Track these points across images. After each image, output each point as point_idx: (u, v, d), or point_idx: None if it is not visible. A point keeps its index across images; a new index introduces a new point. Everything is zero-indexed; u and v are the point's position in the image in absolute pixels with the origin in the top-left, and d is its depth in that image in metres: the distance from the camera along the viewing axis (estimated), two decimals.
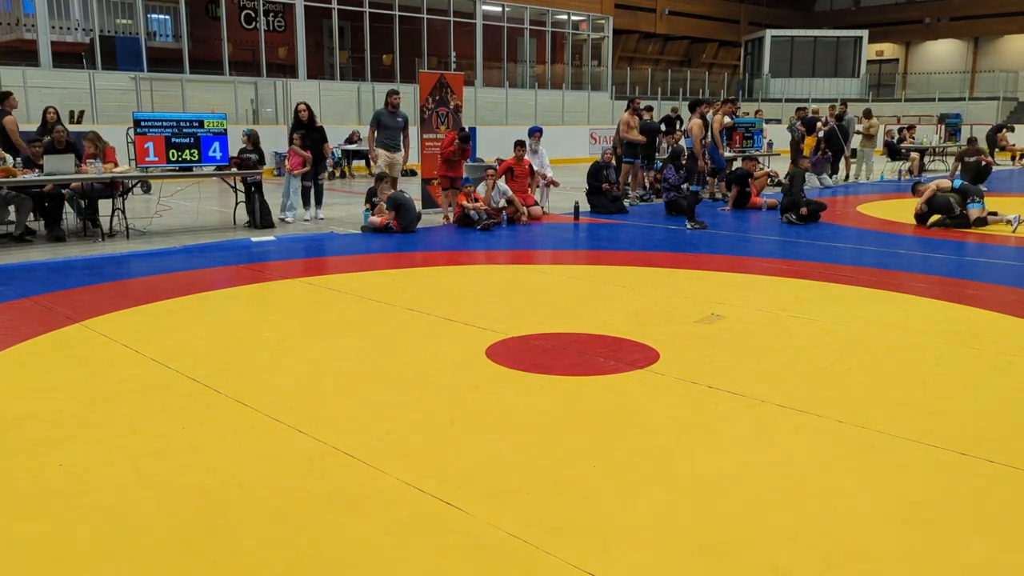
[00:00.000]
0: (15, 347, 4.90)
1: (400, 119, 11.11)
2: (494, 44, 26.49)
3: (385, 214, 9.75)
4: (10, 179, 8.49)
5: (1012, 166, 22.72)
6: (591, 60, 30.50)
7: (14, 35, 20.31)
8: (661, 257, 8.38)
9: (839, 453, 3.40)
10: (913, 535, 2.73)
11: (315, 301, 6.33)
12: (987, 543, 2.69)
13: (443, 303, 6.20)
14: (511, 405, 4.03)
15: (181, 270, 7.47)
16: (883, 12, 38.52)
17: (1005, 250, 8.92)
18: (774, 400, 4.01)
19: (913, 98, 33.83)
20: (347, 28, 24.83)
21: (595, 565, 2.53)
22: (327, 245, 9.15)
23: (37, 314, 5.73)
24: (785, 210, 11.08)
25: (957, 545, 2.67)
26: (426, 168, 11.86)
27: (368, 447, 3.44)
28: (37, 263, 7.70)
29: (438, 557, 2.61)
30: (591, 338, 5.20)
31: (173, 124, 9.68)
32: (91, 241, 9.03)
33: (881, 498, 2.99)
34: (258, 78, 21.06)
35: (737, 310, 5.95)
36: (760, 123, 16.31)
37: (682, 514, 2.88)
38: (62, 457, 3.35)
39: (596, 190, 12.14)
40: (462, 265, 7.94)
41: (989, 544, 2.69)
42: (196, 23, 22.41)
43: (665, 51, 36.58)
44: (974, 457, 3.36)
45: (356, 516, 2.87)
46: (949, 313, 5.94)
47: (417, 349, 4.99)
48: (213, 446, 3.45)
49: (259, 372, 4.52)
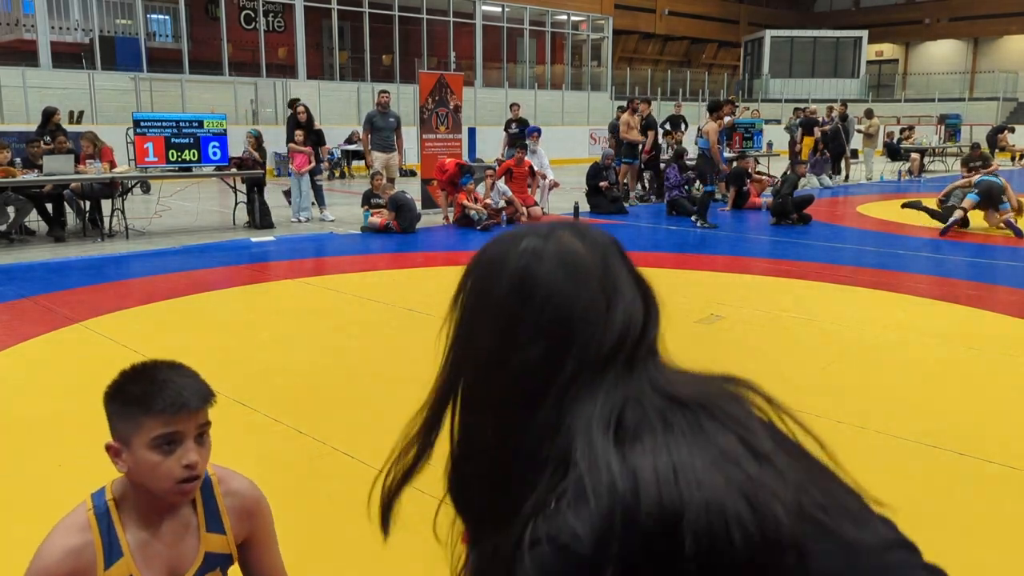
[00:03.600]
0: (15, 347, 4.90)
1: (392, 119, 11.12)
2: (494, 44, 26.49)
3: (385, 214, 9.75)
4: (10, 179, 8.49)
5: (1012, 166, 22.74)
6: (591, 60, 30.50)
7: (14, 35, 20.30)
8: (661, 257, 8.38)
9: (839, 453, 3.40)
10: (912, 535, 2.73)
11: (315, 301, 6.33)
12: (986, 543, 2.69)
13: (443, 303, 6.18)
14: None
15: (181, 270, 7.47)
16: (883, 12, 38.53)
17: (1004, 251, 8.92)
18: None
19: (913, 99, 33.82)
20: (347, 28, 24.82)
21: None
22: (327, 245, 9.15)
23: (37, 314, 5.73)
24: (775, 214, 11.01)
25: (957, 545, 2.66)
26: (426, 168, 11.86)
27: (368, 447, 3.44)
28: (37, 263, 7.69)
29: (438, 557, 2.61)
30: None
31: (173, 124, 9.68)
32: (91, 241, 9.03)
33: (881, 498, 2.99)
34: (258, 78, 21.05)
35: (737, 310, 5.95)
36: (760, 123, 16.31)
37: None
38: (62, 457, 3.35)
39: (596, 190, 12.14)
40: (462, 265, 7.90)
41: (988, 544, 2.69)
42: (196, 23, 22.40)
43: (665, 51, 36.58)
44: (974, 457, 3.36)
45: (356, 516, 2.86)
46: (949, 313, 5.94)
47: (417, 349, 4.99)
48: (213, 446, 3.44)
49: (259, 372, 4.51)
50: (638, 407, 0.80)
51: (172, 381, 1.41)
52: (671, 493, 0.74)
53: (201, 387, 1.44)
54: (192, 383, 1.43)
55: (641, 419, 0.79)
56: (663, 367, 0.86)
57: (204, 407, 1.45)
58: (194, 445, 1.43)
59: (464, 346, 0.87)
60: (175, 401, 1.39)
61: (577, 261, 0.83)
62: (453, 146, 11.96)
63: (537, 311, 0.81)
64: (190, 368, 1.49)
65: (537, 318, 0.81)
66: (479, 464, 0.85)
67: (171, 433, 1.40)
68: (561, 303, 0.81)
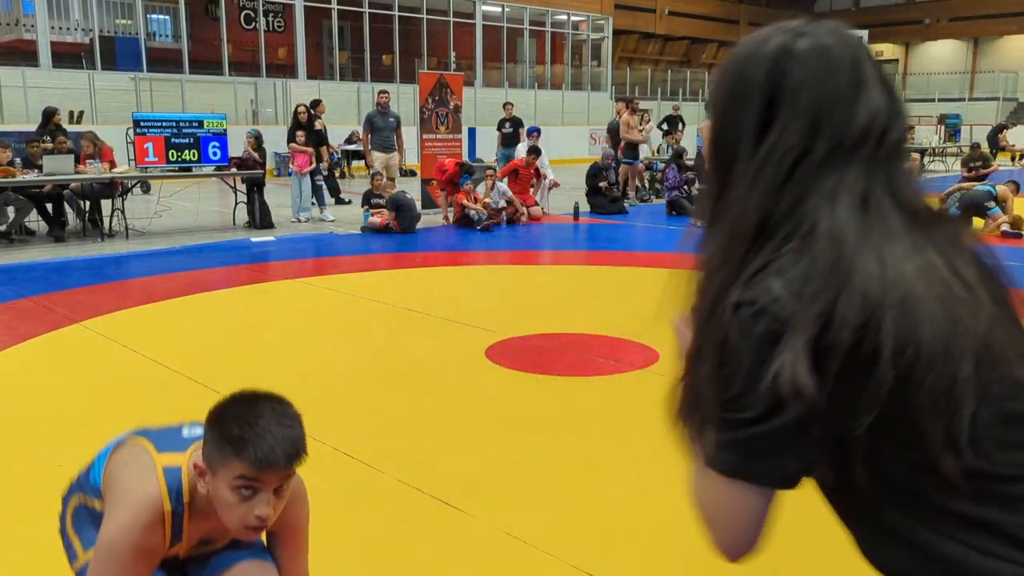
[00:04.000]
0: (15, 347, 4.90)
1: (392, 119, 11.12)
2: (494, 44, 26.48)
3: (385, 214, 9.75)
4: (10, 179, 8.49)
5: (1012, 166, 22.73)
6: (591, 60, 30.50)
7: (14, 35, 20.29)
8: (661, 257, 8.38)
9: None
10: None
11: (315, 301, 6.33)
12: None
13: (443, 303, 6.20)
14: (511, 405, 4.03)
15: (181, 270, 7.47)
16: (883, 12, 38.52)
17: (1004, 251, 8.90)
18: None
19: (913, 98, 33.80)
20: (347, 28, 24.81)
21: (595, 565, 2.53)
22: (327, 245, 9.15)
23: (37, 314, 5.73)
24: None
25: None
26: (426, 168, 11.86)
27: (368, 447, 3.44)
28: (37, 263, 7.69)
29: (438, 557, 2.61)
30: (591, 338, 5.20)
31: (173, 124, 9.68)
32: (91, 241, 9.02)
33: None
34: (258, 78, 21.04)
35: None
36: None
37: (682, 514, 2.87)
38: (62, 457, 3.34)
39: (596, 190, 12.14)
40: (462, 265, 7.93)
41: None
42: (196, 23, 22.39)
43: (665, 51, 36.57)
44: None
45: (356, 516, 2.86)
46: None
47: (417, 349, 4.99)
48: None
49: (259, 372, 4.51)
50: (872, 198, 0.89)
51: (270, 432, 1.44)
52: (879, 282, 0.83)
53: (296, 443, 1.48)
54: (290, 436, 1.47)
55: (871, 210, 0.88)
56: (902, 172, 0.93)
57: (292, 465, 1.49)
58: (271, 498, 1.48)
59: (726, 135, 0.96)
60: (266, 457, 1.43)
61: (829, 54, 0.91)
62: (453, 146, 11.96)
63: (791, 97, 0.90)
64: (294, 411, 1.53)
65: (792, 103, 0.90)
66: (721, 233, 0.94)
67: (253, 481, 1.45)
68: (813, 90, 0.90)
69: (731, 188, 0.94)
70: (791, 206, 0.89)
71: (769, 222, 0.90)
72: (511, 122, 13.80)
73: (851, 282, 0.84)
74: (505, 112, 14.17)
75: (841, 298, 0.83)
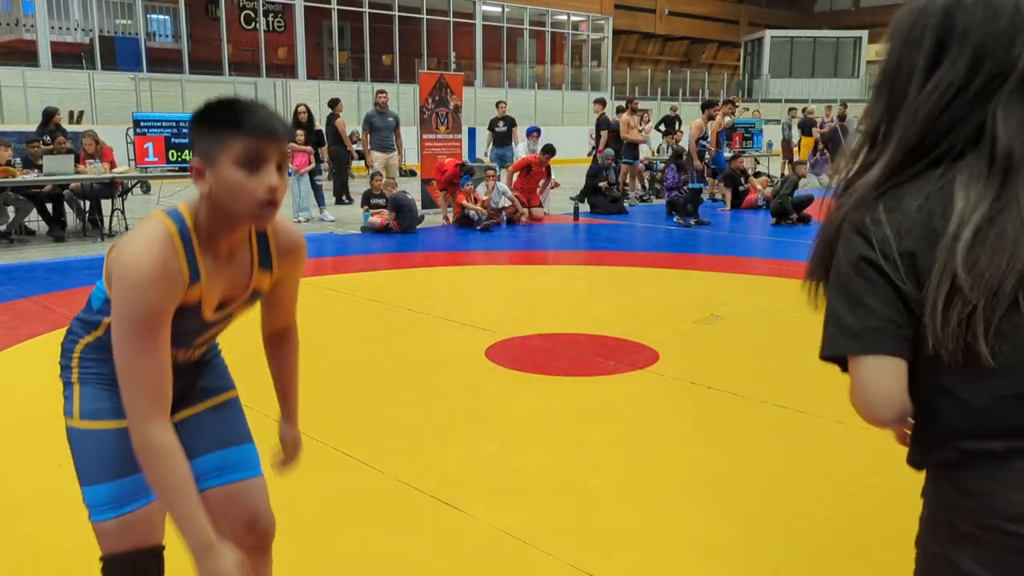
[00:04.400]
0: (15, 347, 4.89)
1: (391, 119, 11.13)
2: (494, 44, 26.49)
3: (385, 214, 9.75)
4: (10, 179, 8.49)
5: None
6: (591, 60, 30.50)
7: (14, 35, 20.29)
8: (661, 257, 8.38)
9: (840, 454, 3.40)
10: (914, 535, 2.73)
11: (314, 301, 6.33)
12: None
13: (443, 303, 6.20)
14: (511, 405, 4.03)
15: None
16: (883, 12, 38.46)
17: None
18: (774, 400, 4.00)
19: None
20: (347, 28, 24.82)
21: (595, 565, 2.53)
22: (326, 245, 9.15)
23: (37, 314, 5.73)
24: (775, 214, 11.05)
25: None
26: (426, 168, 11.86)
27: (368, 447, 3.44)
28: (37, 263, 7.70)
29: (438, 557, 2.61)
30: (591, 338, 5.20)
31: (172, 124, 9.68)
32: (91, 241, 9.02)
33: (882, 499, 2.99)
34: (258, 78, 21.04)
35: (737, 310, 5.95)
36: (760, 123, 16.31)
37: (682, 514, 2.88)
38: (62, 457, 3.34)
39: (595, 190, 12.14)
40: (462, 265, 7.93)
41: None
42: (196, 23, 22.39)
43: (665, 51, 36.58)
44: None
45: (356, 516, 2.86)
46: None
47: (417, 349, 4.99)
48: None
49: (257, 372, 4.50)
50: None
51: (261, 108, 1.47)
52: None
53: (283, 120, 1.50)
54: (275, 114, 1.49)
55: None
56: None
57: (286, 139, 1.51)
58: (276, 172, 1.47)
59: (896, 76, 1.12)
60: (264, 124, 1.44)
61: (993, 3, 1.08)
62: (453, 146, 11.97)
63: (959, 40, 1.07)
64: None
65: (960, 44, 1.07)
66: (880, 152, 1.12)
67: (257, 153, 1.44)
68: (977, 32, 1.07)
69: (898, 119, 1.10)
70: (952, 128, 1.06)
71: (925, 143, 1.08)
72: (504, 121, 13.79)
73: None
74: (498, 111, 14.15)
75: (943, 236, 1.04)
